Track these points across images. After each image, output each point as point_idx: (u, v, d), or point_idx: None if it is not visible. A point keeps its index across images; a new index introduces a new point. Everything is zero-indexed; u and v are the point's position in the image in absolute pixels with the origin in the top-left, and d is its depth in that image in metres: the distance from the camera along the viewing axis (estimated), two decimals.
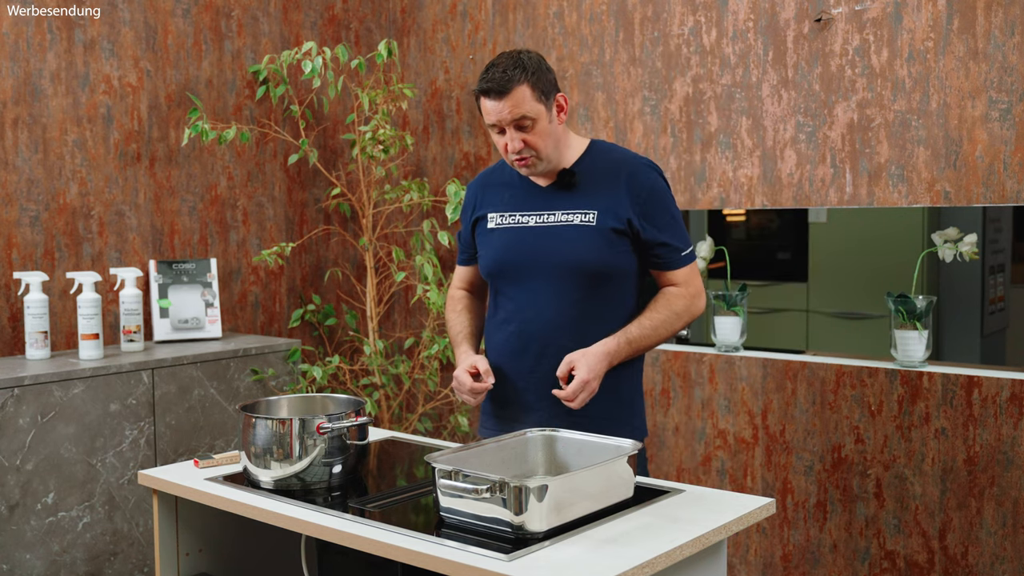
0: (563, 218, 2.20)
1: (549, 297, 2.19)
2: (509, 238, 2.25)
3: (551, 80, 2.17)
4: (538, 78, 2.12)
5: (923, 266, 2.96)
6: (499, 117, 2.12)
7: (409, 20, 4.03)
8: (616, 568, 1.50)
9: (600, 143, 2.28)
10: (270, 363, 3.34)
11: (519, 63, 2.11)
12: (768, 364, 3.11)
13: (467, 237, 2.40)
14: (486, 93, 2.12)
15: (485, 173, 2.41)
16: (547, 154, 2.17)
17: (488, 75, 2.12)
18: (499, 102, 2.11)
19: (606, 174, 2.21)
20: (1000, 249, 3.11)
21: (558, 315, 2.18)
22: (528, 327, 2.21)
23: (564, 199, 2.22)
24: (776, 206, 3.11)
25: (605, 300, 2.19)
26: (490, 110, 2.13)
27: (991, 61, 2.68)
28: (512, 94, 2.10)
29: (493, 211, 2.29)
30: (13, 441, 2.71)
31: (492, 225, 2.28)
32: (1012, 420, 2.68)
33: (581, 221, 2.18)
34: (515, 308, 2.23)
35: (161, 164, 3.46)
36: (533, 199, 2.25)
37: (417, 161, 4.03)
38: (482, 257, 2.31)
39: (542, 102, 2.13)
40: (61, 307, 3.22)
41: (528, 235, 2.22)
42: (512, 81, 2.09)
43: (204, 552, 2.19)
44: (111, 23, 3.31)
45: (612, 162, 2.23)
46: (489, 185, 2.35)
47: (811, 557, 3.03)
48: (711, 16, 3.18)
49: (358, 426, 1.99)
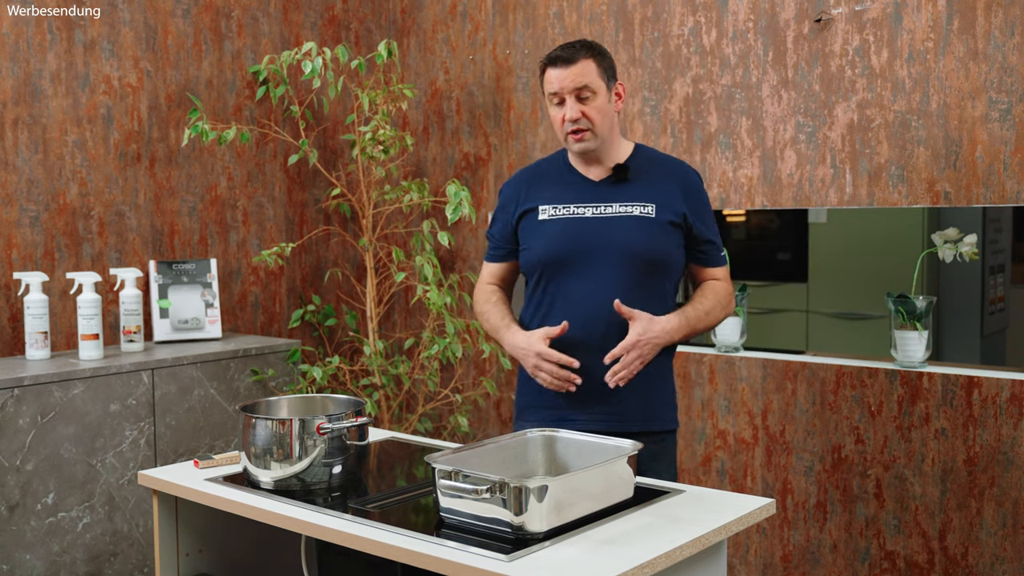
0: (621, 210, 2.26)
1: (606, 287, 2.22)
2: (566, 228, 2.27)
3: (614, 68, 2.29)
4: (603, 59, 2.25)
5: (923, 266, 2.96)
6: (561, 85, 2.21)
7: (409, 20, 4.03)
8: (616, 568, 1.50)
9: (644, 147, 2.39)
10: (270, 363, 3.34)
11: (588, 43, 2.25)
12: (768, 364, 3.11)
13: (505, 233, 2.40)
14: (553, 62, 2.23)
15: (527, 170, 2.43)
16: (602, 131, 2.25)
17: (557, 49, 2.24)
18: (564, 70, 2.20)
19: (658, 171, 2.31)
20: (1000, 249, 3.11)
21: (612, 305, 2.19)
22: (583, 317, 2.22)
23: (619, 192, 2.28)
24: (776, 206, 3.11)
25: (656, 290, 2.26)
26: (553, 79, 2.22)
27: (991, 61, 2.68)
28: (578, 64, 2.20)
29: (544, 203, 2.31)
30: (13, 441, 2.71)
31: (544, 217, 2.30)
32: (1012, 420, 2.68)
33: (640, 212, 2.24)
34: (568, 299, 2.25)
35: (161, 164, 3.46)
36: (587, 192, 2.30)
37: (417, 161, 4.03)
38: (531, 250, 2.32)
39: (604, 80, 2.24)
40: (61, 307, 3.22)
41: (586, 225, 2.26)
42: (579, 54, 2.21)
43: (204, 552, 2.19)
44: (111, 23, 3.31)
45: (661, 162, 2.34)
46: (535, 180, 2.38)
47: (811, 557, 3.03)
48: (711, 16, 3.18)
49: (358, 426, 1.99)
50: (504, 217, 2.40)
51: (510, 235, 2.39)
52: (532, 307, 2.34)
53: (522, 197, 2.36)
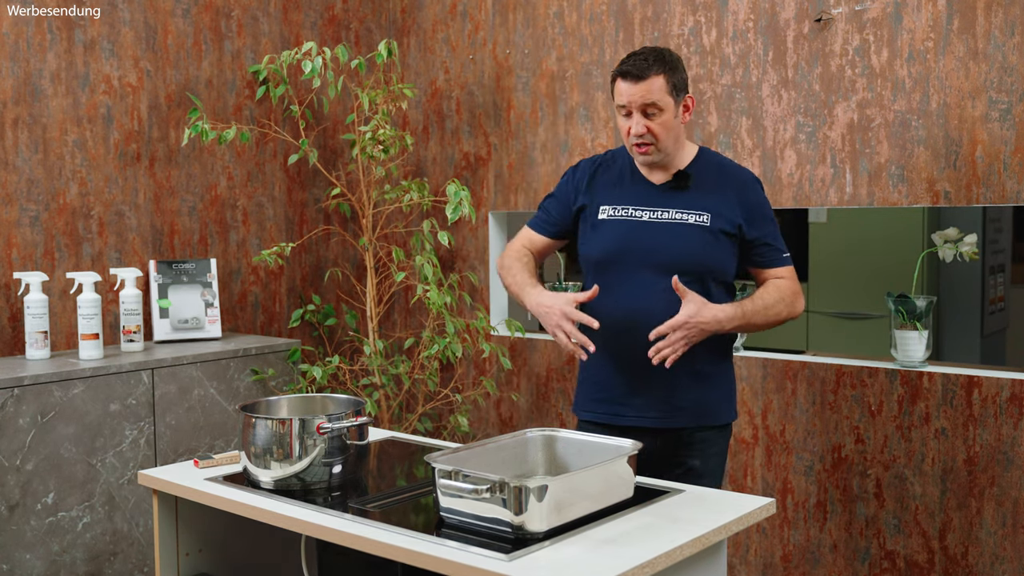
0: (677, 216, 2.30)
1: (657, 291, 2.25)
2: (622, 230, 2.32)
3: (685, 80, 2.30)
4: (674, 74, 2.26)
5: (923, 266, 2.95)
6: (630, 99, 2.25)
7: (409, 20, 4.03)
8: (616, 568, 1.50)
9: (708, 151, 2.41)
10: (270, 363, 3.34)
11: (660, 56, 2.25)
12: (768, 364, 3.11)
13: (561, 214, 2.45)
14: (624, 75, 2.25)
15: (598, 159, 2.46)
16: (666, 146, 2.28)
17: (630, 60, 2.26)
18: (634, 85, 2.23)
19: (718, 180, 2.35)
20: (1000, 249, 3.12)
21: (662, 310, 2.22)
22: (632, 318, 2.25)
23: (678, 198, 2.32)
24: (776, 206, 3.11)
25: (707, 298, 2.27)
26: (623, 92, 2.25)
27: (991, 61, 2.68)
28: (648, 80, 2.23)
29: (604, 203, 2.36)
30: (13, 441, 2.71)
31: (604, 216, 2.35)
32: (1012, 420, 2.68)
33: (695, 221, 2.29)
34: (619, 300, 2.29)
35: (161, 164, 3.46)
36: (646, 195, 2.34)
37: (417, 161, 4.03)
38: (590, 245, 2.37)
39: (672, 96, 2.26)
40: (61, 307, 3.22)
41: (642, 228, 2.31)
42: (650, 69, 2.23)
43: (204, 552, 2.19)
44: (111, 23, 3.31)
45: (722, 169, 2.37)
46: (601, 173, 2.42)
47: (811, 557, 3.03)
48: (711, 16, 3.18)
49: (358, 426, 1.99)
50: (564, 200, 2.45)
51: (567, 219, 2.44)
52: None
53: (584, 188, 2.41)
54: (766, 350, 3.20)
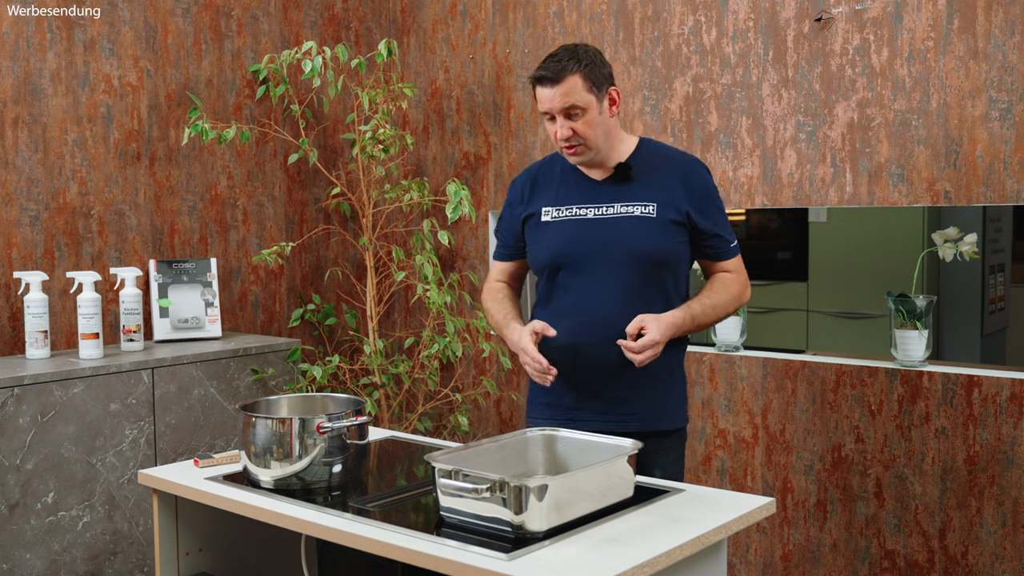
0: (622, 210, 2.26)
1: (612, 287, 2.23)
2: (568, 230, 2.28)
3: (605, 73, 2.23)
4: (591, 70, 2.20)
5: (923, 266, 2.95)
6: (550, 105, 2.20)
7: (409, 20, 4.03)
8: (616, 568, 1.50)
9: (649, 141, 2.36)
10: (270, 363, 3.34)
11: (575, 54, 2.19)
12: (768, 364, 3.11)
13: (513, 232, 2.42)
14: (540, 81, 2.20)
15: (533, 168, 2.43)
16: (595, 144, 2.23)
17: (544, 64, 2.20)
18: (551, 89, 2.18)
19: (661, 169, 2.29)
20: (1000, 249, 3.12)
21: (620, 305, 2.21)
22: (590, 318, 2.23)
23: (621, 192, 2.28)
24: (776, 206, 3.11)
25: (662, 289, 2.26)
26: (542, 98, 2.21)
27: (991, 61, 2.68)
28: (564, 83, 2.17)
29: (547, 205, 2.33)
30: (13, 441, 2.71)
31: (547, 219, 2.32)
32: (1012, 420, 2.68)
33: (642, 212, 2.24)
34: (576, 300, 2.26)
35: (161, 164, 3.46)
36: (589, 192, 2.30)
37: (417, 161, 4.03)
38: (536, 252, 2.34)
39: (593, 93, 2.20)
40: (61, 307, 3.22)
41: (588, 226, 2.27)
42: (565, 71, 2.17)
43: (204, 552, 2.19)
44: (111, 23, 3.31)
45: (665, 158, 2.32)
46: (539, 180, 2.38)
47: (811, 557, 3.04)
48: (711, 16, 3.18)
49: (358, 426, 1.99)
50: (510, 217, 2.42)
51: (517, 235, 2.40)
52: (541, 304, 2.37)
53: (526, 197, 2.38)
54: (766, 349, 3.20)
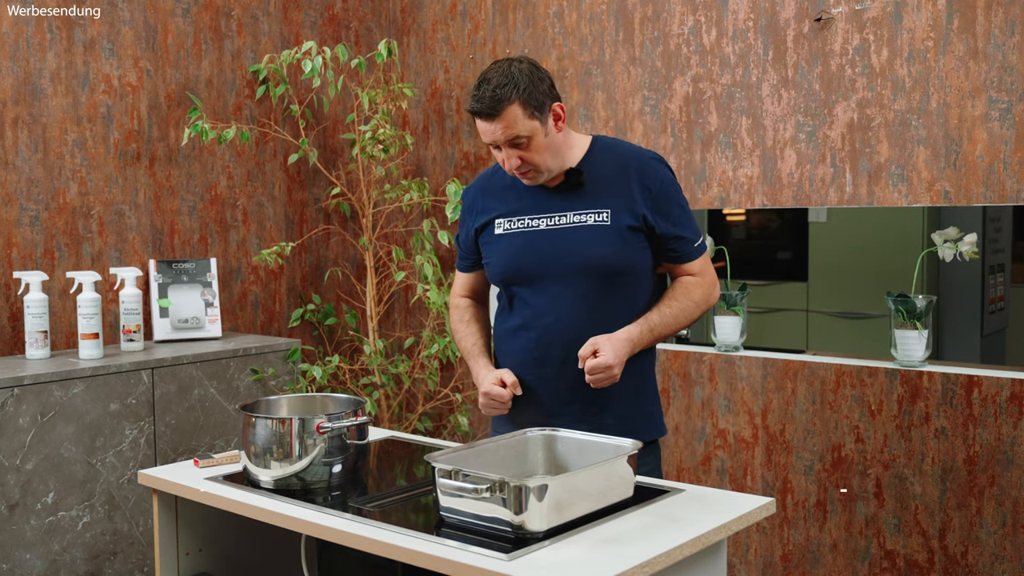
0: (576, 219, 2.15)
1: (570, 300, 2.14)
2: (521, 242, 2.19)
3: (544, 91, 2.10)
4: (529, 94, 2.06)
5: (923, 266, 2.95)
6: (493, 138, 2.08)
7: (409, 20, 4.03)
8: (616, 568, 1.50)
9: (602, 139, 2.24)
10: (270, 363, 3.34)
11: (510, 79, 2.05)
12: (768, 364, 3.11)
13: (468, 243, 2.33)
14: (477, 114, 2.07)
15: (483, 177, 2.34)
16: (547, 165, 2.12)
17: (479, 94, 2.06)
18: (491, 123, 2.06)
19: (614, 171, 2.17)
20: (1000, 249, 3.11)
21: (580, 318, 2.13)
22: (549, 332, 2.15)
23: (574, 199, 2.16)
24: (776, 206, 3.11)
25: (623, 298, 2.16)
26: (483, 130, 2.09)
27: (991, 61, 2.68)
28: (503, 115, 2.04)
29: (499, 216, 2.23)
30: (13, 441, 2.71)
31: (500, 231, 2.22)
32: (1012, 420, 2.68)
33: (595, 221, 2.14)
34: (533, 314, 2.18)
35: (161, 164, 3.46)
36: (541, 201, 2.19)
37: (417, 161, 4.03)
38: (492, 264, 2.25)
39: (536, 118, 2.07)
40: (61, 307, 3.22)
41: (541, 238, 2.17)
42: (502, 102, 2.03)
43: (204, 552, 2.19)
44: (111, 23, 3.31)
45: (618, 158, 2.19)
46: (489, 190, 2.28)
47: (811, 557, 3.04)
48: (711, 16, 3.18)
49: (358, 426, 1.99)
50: (465, 227, 2.33)
51: (472, 246, 2.32)
52: (500, 316, 2.30)
53: (478, 208, 2.28)
54: (766, 349, 3.20)
